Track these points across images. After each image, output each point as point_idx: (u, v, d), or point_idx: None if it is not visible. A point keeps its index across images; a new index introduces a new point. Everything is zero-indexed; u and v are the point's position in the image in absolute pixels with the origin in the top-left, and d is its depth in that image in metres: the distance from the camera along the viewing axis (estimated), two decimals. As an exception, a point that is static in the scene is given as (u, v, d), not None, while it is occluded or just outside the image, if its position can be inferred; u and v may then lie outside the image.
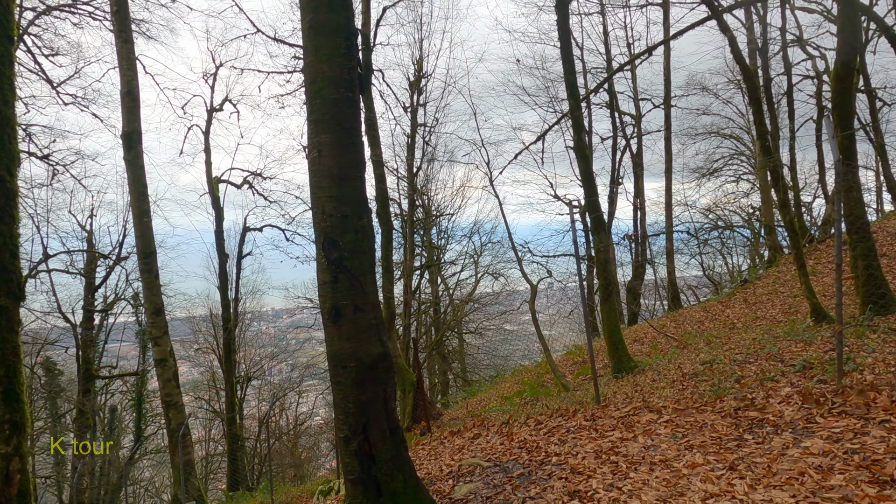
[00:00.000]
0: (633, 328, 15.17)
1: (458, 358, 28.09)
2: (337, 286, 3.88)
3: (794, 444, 4.04)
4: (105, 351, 25.95)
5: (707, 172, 26.01)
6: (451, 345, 28.08)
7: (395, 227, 16.21)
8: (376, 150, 13.48)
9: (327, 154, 3.93)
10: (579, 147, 8.38)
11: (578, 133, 8.34)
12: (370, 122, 13.51)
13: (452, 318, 25.22)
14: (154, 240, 10.77)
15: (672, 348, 10.25)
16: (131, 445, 27.18)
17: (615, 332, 7.99)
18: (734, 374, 5.98)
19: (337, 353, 3.91)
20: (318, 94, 3.98)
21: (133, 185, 10.45)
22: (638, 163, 20.42)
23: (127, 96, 10.35)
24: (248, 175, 22.07)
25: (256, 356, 30.38)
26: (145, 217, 10.49)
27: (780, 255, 15.46)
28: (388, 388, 3.99)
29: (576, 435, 5.51)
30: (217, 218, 20.53)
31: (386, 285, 13.83)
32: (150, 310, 10.59)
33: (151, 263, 10.57)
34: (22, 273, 2.74)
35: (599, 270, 8.11)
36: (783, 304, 11.77)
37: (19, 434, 2.59)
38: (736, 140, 26.60)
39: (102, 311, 23.46)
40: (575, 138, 8.44)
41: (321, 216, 3.94)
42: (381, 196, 13.58)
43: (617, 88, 20.94)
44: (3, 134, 2.70)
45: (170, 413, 10.80)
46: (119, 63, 10.28)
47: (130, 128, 10.36)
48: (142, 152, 10.51)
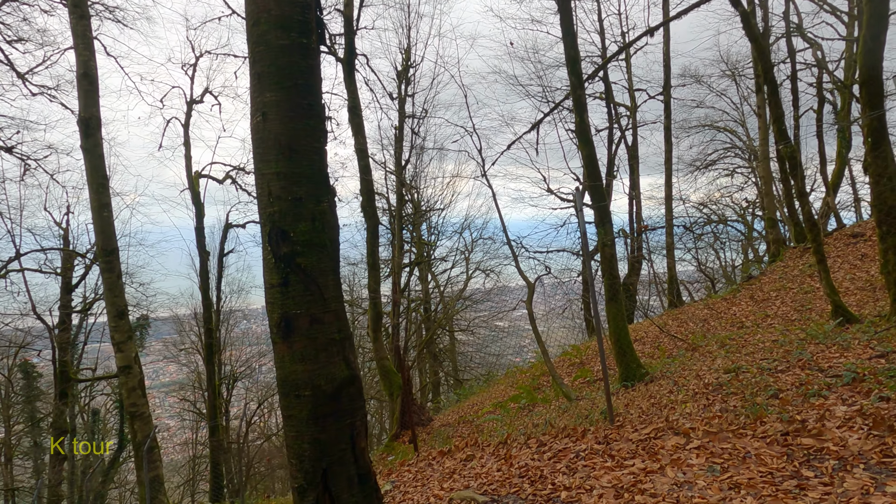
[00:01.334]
0: (631, 326, 14.28)
1: (449, 357, 27.17)
2: (288, 291, 2.92)
3: (876, 486, 3.13)
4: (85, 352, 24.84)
5: (702, 166, 25.20)
6: (442, 343, 27.14)
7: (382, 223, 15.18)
8: (361, 139, 12.50)
9: (274, 118, 2.96)
10: (581, 130, 7.44)
11: (581, 115, 7.40)
12: (354, 109, 12.52)
13: (443, 317, 24.29)
14: (115, 236, 9.73)
15: (679, 350, 9.36)
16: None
17: (623, 335, 7.07)
18: (770, 388, 5.07)
19: (288, 378, 2.95)
20: (261, 40, 3.00)
21: (91, 175, 9.40)
22: (633, 155, 19.54)
23: (84, 79, 9.30)
24: (230, 170, 20.99)
25: (244, 355, 29.33)
26: (105, 211, 9.44)
27: (784, 249, 14.61)
28: (357, 421, 3.03)
29: (587, 462, 4.58)
30: (197, 214, 19.47)
31: (372, 283, 12.87)
32: (113, 312, 9.55)
33: (113, 262, 9.53)
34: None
35: (605, 266, 7.18)
36: (794, 300, 10.92)
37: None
38: (730, 133, 25.81)
39: (80, 312, 22.33)
40: (577, 121, 7.50)
41: (267, 199, 2.98)
42: (367, 188, 12.59)
43: (612, 78, 20.06)
44: None
45: (135, 425, 9.77)
46: (74, 42, 9.22)
47: (88, 113, 9.31)
48: (101, 140, 9.47)
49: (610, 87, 19.48)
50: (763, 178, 15.51)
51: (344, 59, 12.38)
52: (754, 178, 23.87)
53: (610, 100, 19.78)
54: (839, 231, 14.58)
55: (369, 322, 13.29)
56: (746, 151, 24.91)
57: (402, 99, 18.18)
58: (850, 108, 16.37)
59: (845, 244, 13.36)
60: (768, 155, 14.63)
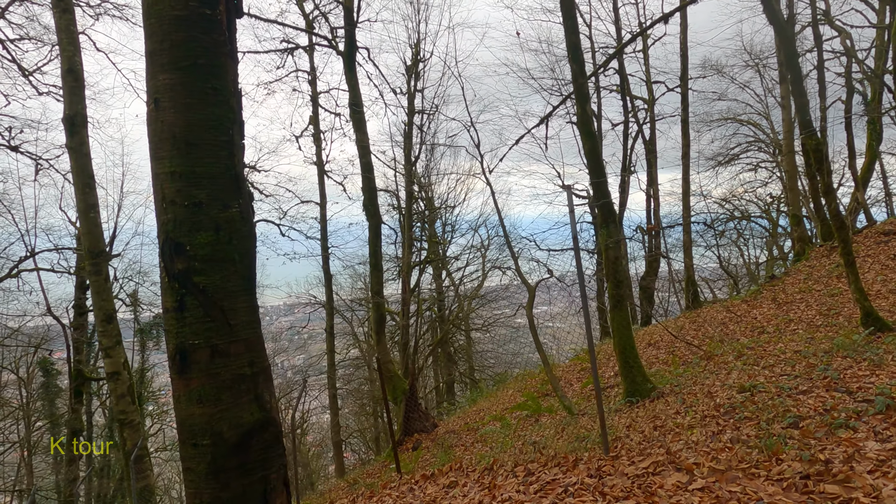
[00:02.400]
0: (647, 329, 13.54)
1: (464, 356, 26.57)
2: (184, 317, 2.36)
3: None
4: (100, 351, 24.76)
5: (723, 161, 24.21)
6: (457, 342, 26.54)
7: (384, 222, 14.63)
8: (362, 135, 11.97)
9: (167, 106, 2.40)
10: (583, 122, 6.78)
11: (583, 105, 6.75)
12: (355, 104, 11.99)
13: (457, 316, 23.69)
14: (104, 238, 9.34)
15: (695, 357, 8.66)
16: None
17: (628, 346, 6.41)
18: (788, 414, 4.40)
19: (185, 423, 2.40)
20: (152, 11, 2.45)
21: (78, 175, 9.01)
22: (651, 149, 18.71)
23: (69, 75, 8.90)
24: (241, 168, 20.58)
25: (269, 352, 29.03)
26: (92, 212, 9.05)
27: (810, 247, 13.73)
28: (272, 474, 2.47)
29: (576, 499, 3.97)
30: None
31: (374, 284, 12.35)
32: (100, 317, 9.16)
33: (101, 265, 9.13)
34: None
35: (608, 270, 6.52)
36: (819, 304, 10.11)
37: None
38: (754, 126, 24.74)
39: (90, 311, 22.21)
40: (578, 111, 6.85)
41: (160, 205, 2.43)
42: (368, 186, 12.05)
43: (628, 71, 19.25)
44: None
45: (125, 433, 9.38)
46: (58, 37, 8.84)
47: (73, 111, 8.91)
48: (87, 138, 9.06)
49: (626, 78, 18.66)
50: (788, 173, 14.62)
51: (344, 52, 11.85)
52: (779, 173, 22.85)
53: (626, 92, 18.97)
54: (869, 228, 13.65)
55: (371, 324, 12.77)
56: (771, 145, 23.86)
57: (412, 94, 17.60)
58: (882, 98, 15.37)
59: (876, 242, 12.46)
60: (793, 148, 13.75)
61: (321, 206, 17.34)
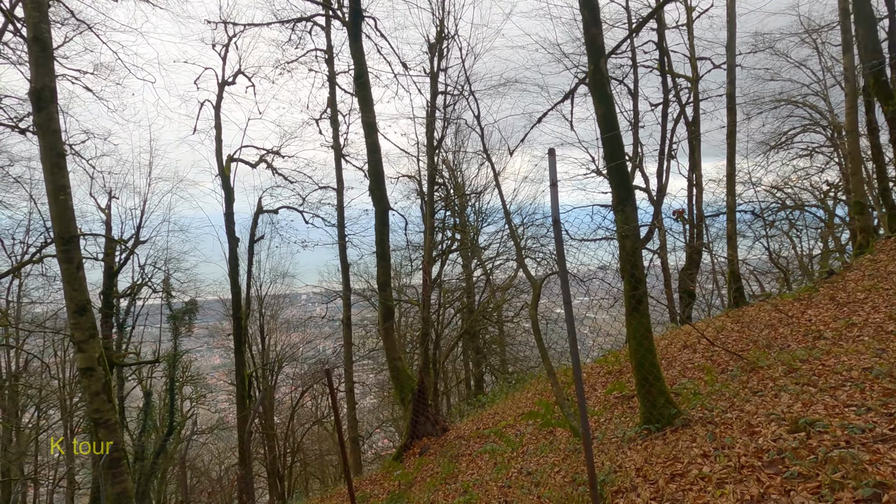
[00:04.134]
0: (684, 329, 11.99)
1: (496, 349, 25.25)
2: None
3: None
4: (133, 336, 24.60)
5: (775, 145, 22.02)
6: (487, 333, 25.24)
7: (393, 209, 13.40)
8: (368, 112, 10.80)
9: None
10: (596, 82, 5.40)
11: (596, 59, 5.36)
12: (360, 78, 10.82)
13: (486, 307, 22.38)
14: (75, 221, 8.44)
15: (735, 368, 7.18)
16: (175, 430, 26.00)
17: (648, 360, 5.05)
18: (863, 478, 3.01)
19: None
20: None
21: (46, 153, 8.13)
22: (694, 132, 16.94)
23: (35, 44, 8.01)
24: (264, 153, 19.79)
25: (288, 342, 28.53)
26: (62, 194, 8.16)
27: (874, 239, 11.88)
28: None
29: None
30: (227, 199, 18.39)
31: (381, 275, 11.22)
32: (72, 308, 8.30)
33: (72, 251, 8.26)
34: None
35: (624, 266, 5.17)
36: (889, 306, 8.41)
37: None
38: (810, 108, 22.42)
39: (120, 297, 21.91)
40: (590, 69, 5.47)
41: None
42: (374, 168, 10.90)
43: (670, 46, 17.47)
44: None
45: (99, 433, 8.55)
46: (22, 1, 7.99)
47: (40, 83, 8.02)
48: (56, 114, 8.17)
49: (667, 53, 16.92)
50: (850, 155, 12.72)
51: (349, 21, 10.68)
52: (837, 158, 20.61)
53: (667, 70, 17.22)
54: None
55: (379, 318, 11.67)
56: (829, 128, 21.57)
57: (435, 74, 16.33)
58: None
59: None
60: (857, 126, 11.87)
61: (338, 191, 16.34)
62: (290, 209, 19.68)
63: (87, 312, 8.43)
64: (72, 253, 8.28)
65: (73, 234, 8.32)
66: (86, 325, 8.39)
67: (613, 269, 8.86)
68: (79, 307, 8.35)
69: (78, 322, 8.34)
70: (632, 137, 16.38)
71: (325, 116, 16.38)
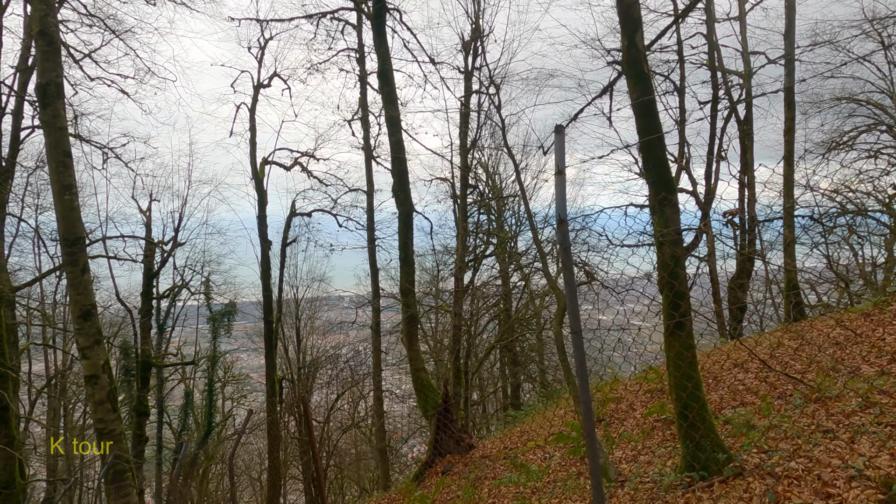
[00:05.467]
0: (732, 344, 10.82)
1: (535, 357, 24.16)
2: None
3: None
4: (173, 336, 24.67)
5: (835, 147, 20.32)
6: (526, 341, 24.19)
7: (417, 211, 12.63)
8: (392, 107, 10.11)
9: None
10: (631, 59, 4.51)
11: (631, 34, 4.47)
12: (384, 73, 10.14)
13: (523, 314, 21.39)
14: (82, 222, 8.02)
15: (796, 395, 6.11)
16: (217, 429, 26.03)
17: (690, 392, 4.11)
18: None
19: None
20: None
21: (52, 151, 7.72)
22: (746, 132, 15.62)
23: (41, 38, 7.63)
24: (298, 156, 19.41)
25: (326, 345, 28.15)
26: (67, 194, 7.74)
27: (955, 247, 10.46)
28: None
29: None
30: (260, 202, 18.05)
31: (404, 281, 10.48)
32: (76, 312, 7.86)
33: (78, 254, 7.82)
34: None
35: (662, 277, 4.26)
36: (980, 324, 7.18)
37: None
38: (875, 107, 20.63)
39: (160, 298, 21.92)
40: (624, 45, 4.59)
41: None
42: (398, 168, 10.18)
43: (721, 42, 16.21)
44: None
45: (103, 444, 8.08)
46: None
47: (46, 78, 7.63)
48: (62, 111, 7.76)
49: (717, 48, 15.68)
50: (924, 154, 11.32)
51: (371, 12, 10.02)
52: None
53: (717, 66, 15.97)
54: None
55: (403, 326, 10.94)
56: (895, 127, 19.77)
57: (469, 72, 15.57)
58: None
59: None
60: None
61: (368, 194, 15.76)
62: (323, 212, 19.23)
63: (91, 317, 7.97)
64: (77, 255, 7.83)
65: (78, 236, 7.89)
66: (90, 330, 7.93)
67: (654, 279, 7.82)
68: (83, 312, 7.89)
69: (82, 327, 7.89)
70: (677, 136, 15.23)
71: (357, 117, 15.85)
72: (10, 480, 11.85)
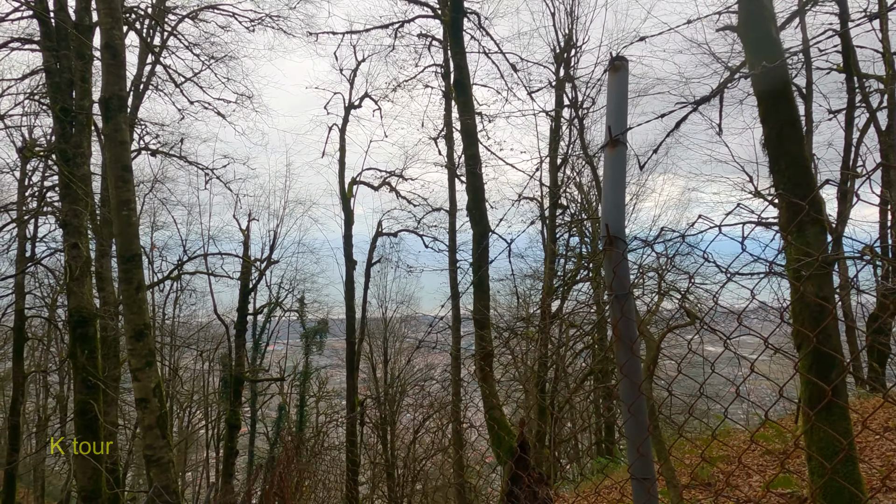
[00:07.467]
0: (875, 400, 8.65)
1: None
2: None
3: None
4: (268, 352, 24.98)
5: None
6: (621, 375, 22.02)
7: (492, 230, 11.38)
8: (468, 118, 9.11)
9: None
10: (752, 25, 3.17)
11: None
12: (460, 83, 9.19)
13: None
14: (139, 240, 7.63)
15: None
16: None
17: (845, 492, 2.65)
18: None
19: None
20: None
21: (112, 166, 7.41)
22: (889, 143, 13.13)
23: (106, 51, 7.38)
24: (387, 176, 18.93)
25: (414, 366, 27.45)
26: (125, 209, 7.36)
27: None
28: None
29: None
30: (346, 221, 17.69)
31: (478, 307, 9.35)
32: (129, 333, 7.42)
33: (133, 271, 7.40)
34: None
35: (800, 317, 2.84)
36: None
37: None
38: None
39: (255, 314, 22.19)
40: (741, 12, 3.26)
41: None
42: (473, 185, 9.13)
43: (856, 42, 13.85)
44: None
45: (151, 472, 7.54)
46: (97, 6, 7.42)
47: (109, 92, 7.34)
48: (123, 125, 7.43)
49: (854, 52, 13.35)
50: None
51: (447, 18, 9.12)
52: None
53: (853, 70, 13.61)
54: None
55: (476, 362, 9.77)
56: None
57: (561, 84, 14.31)
58: None
59: None
60: None
61: (450, 213, 14.84)
62: (409, 232, 18.58)
63: (144, 337, 7.51)
64: (132, 273, 7.42)
65: (134, 253, 7.48)
66: (142, 351, 7.47)
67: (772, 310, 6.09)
68: (136, 332, 7.45)
69: (135, 348, 7.44)
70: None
71: (442, 135, 15.11)
72: (95, 490, 11.85)
